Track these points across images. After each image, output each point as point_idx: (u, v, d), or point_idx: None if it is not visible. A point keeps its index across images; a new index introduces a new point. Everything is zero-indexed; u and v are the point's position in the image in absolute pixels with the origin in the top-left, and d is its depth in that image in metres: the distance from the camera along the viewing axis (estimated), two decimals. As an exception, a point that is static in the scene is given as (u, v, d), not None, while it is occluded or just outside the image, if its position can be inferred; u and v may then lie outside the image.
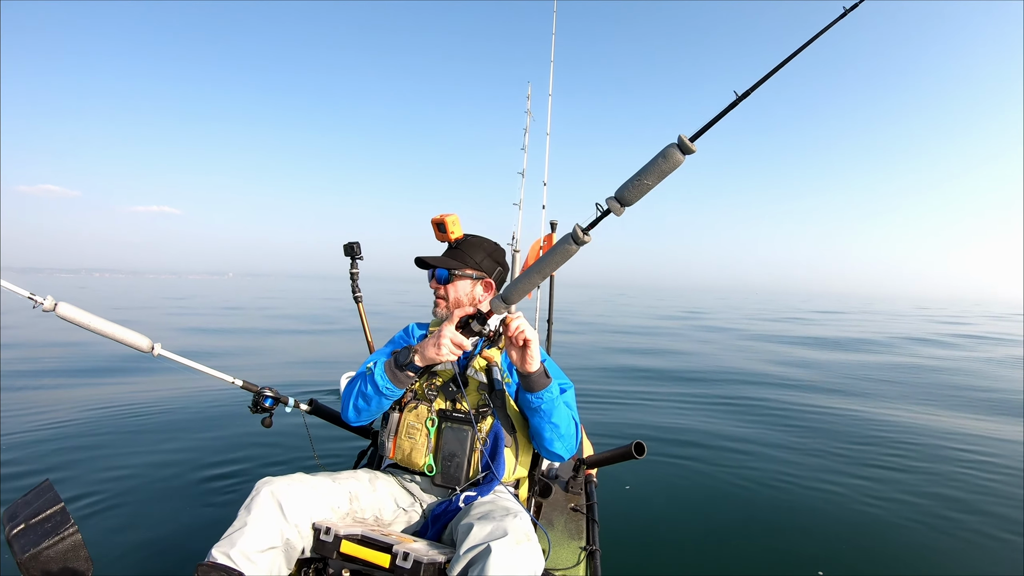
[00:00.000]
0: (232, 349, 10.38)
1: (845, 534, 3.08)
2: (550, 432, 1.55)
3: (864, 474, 4.04)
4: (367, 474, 1.64)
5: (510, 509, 1.39)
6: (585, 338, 13.68)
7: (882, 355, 11.91)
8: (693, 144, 1.08)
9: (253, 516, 1.28)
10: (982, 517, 3.34)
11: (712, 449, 4.56)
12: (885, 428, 5.41)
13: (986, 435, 5.26)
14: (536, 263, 1.27)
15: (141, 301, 24.45)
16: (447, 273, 1.74)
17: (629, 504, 3.41)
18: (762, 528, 3.16)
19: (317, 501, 1.39)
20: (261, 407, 1.93)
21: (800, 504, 3.47)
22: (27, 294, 1.44)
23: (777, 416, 5.83)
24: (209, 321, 16.37)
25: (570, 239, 1.20)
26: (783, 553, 2.87)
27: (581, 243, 1.19)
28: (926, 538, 3.07)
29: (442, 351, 1.46)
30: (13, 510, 1.21)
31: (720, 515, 3.34)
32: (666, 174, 1.10)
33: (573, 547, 1.84)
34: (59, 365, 7.95)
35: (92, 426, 4.72)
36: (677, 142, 1.08)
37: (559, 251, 1.22)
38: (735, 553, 2.88)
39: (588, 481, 2.33)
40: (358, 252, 2.44)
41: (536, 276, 1.28)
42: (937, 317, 30.45)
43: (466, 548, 1.21)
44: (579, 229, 1.18)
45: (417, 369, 1.55)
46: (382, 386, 1.56)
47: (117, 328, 1.61)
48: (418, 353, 1.51)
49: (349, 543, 1.32)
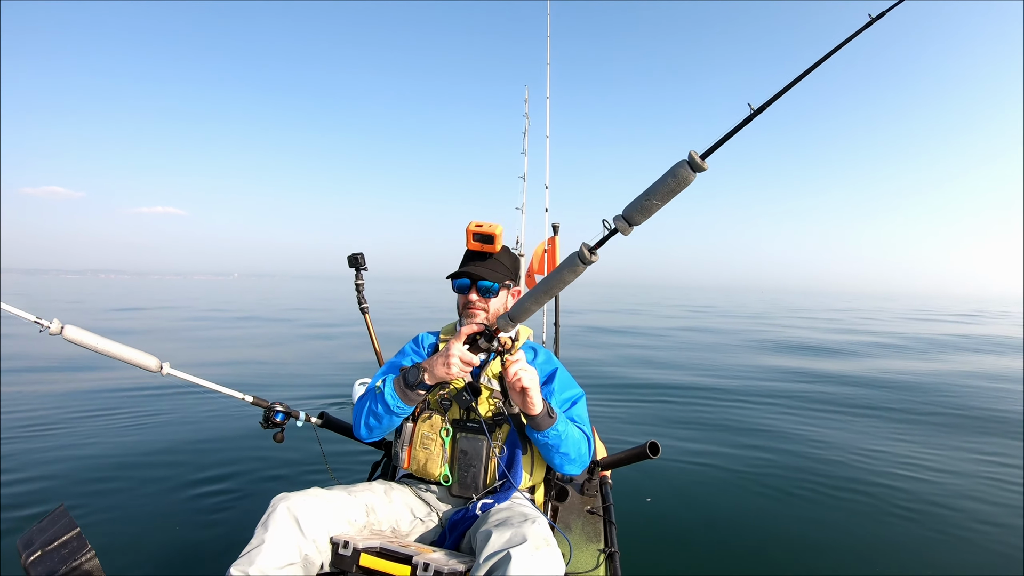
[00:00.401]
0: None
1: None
2: (560, 459, 1.54)
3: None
4: (382, 485, 1.63)
5: (528, 515, 1.38)
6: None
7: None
8: (704, 161, 1.01)
9: (271, 533, 1.27)
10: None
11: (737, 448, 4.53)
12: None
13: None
14: (542, 282, 1.25)
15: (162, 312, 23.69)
16: (497, 287, 1.71)
17: (645, 504, 3.38)
18: (786, 531, 3.13)
19: (334, 515, 1.38)
20: (272, 422, 1.92)
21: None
22: (33, 318, 1.44)
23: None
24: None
25: (576, 259, 1.15)
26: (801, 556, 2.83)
27: (588, 263, 1.15)
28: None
29: (452, 370, 1.43)
30: (29, 537, 1.20)
31: (740, 512, 3.31)
32: (675, 193, 1.04)
33: (592, 550, 1.83)
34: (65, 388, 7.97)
35: (98, 445, 4.72)
36: (688, 159, 1.01)
37: (565, 270, 1.18)
38: (752, 553, 2.86)
39: (603, 483, 2.32)
40: (362, 263, 2.43)
41: (543, 296, 1.25)
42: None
43: (486, 556, 1.20)
44: (586, 249, 1.13)
45: (427, 387, 1.53)
46: (392, 405, 1.54)
47: (125, 349, 1.61)
48: (427, 371, 1.48)
49: (368, 556, 1.31)
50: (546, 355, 1.76)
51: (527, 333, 1.81)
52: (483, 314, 1.70)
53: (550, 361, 1.75)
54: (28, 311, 1.48)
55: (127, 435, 5.06)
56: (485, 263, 1.72)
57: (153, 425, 5.40)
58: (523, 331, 1.79)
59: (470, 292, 1.70)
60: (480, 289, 1.69)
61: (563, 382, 1.69)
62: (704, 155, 1.02)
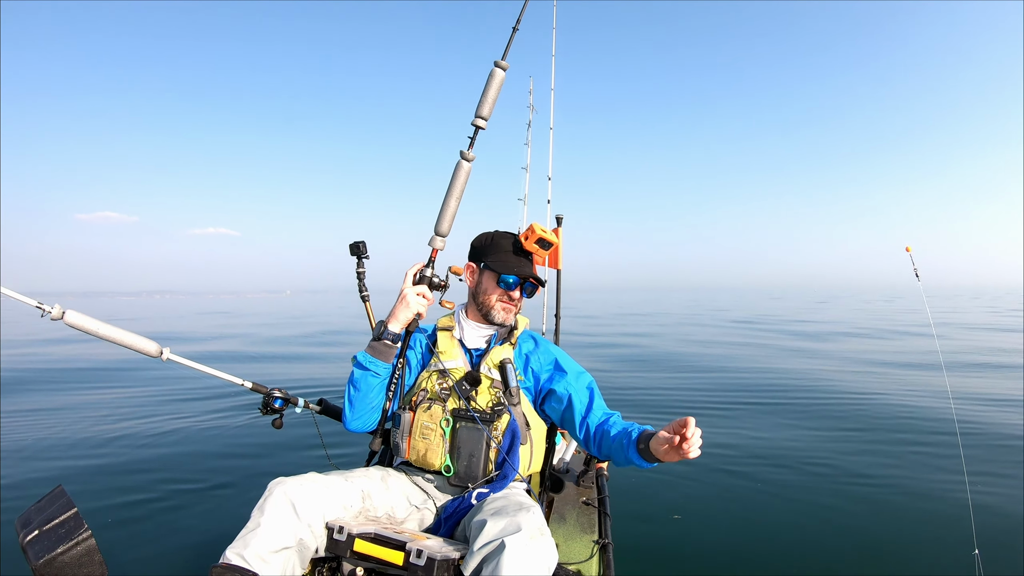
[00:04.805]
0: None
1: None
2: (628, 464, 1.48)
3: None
4: (379, 472, 1.63)
5: (523, 504, 1.38)
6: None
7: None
8: (504, 61, 1.64)
9: (266, 517, 1.27)
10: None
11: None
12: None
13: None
14: (448, 190, 1.62)
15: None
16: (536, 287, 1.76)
17: (640, 497, 3.39)
18: (784, 527, 3.14)
19: (330, 500, 1.39)
20: (271, 408, 1.92)
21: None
22: (35, 303, 1.45)
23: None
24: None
25: (461, 160, 1.62)
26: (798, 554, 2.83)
27: (469, 159, 1.62)
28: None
29: (411, 306, 1.59)
30: (27, 516, 1.21)
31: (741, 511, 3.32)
32: (492, 89, 1.63)
33: (586, 540, 1.83)
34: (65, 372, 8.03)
35: (97, 431, 4.76)
36: (502, 62, 1.63)
37: (459, 175, 1.62)
38: (753, 548, 2.87)
39: (599, 475, 2.32)
40: (364, 251, 2.43)
41: (452, 201, 1.63)
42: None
43: (480, 544, 1.21)
44: (463, 153, 1.62)
45: (394, 336, 1.61)
46: (364, 361, 1.60)
47: (125, 334, 1.61)
48: (391, 319, 1.60)
49: (363, 541, 1.31)
50: (545, 344, 1.77)
51: (524, 323, 1.80)
52: (515, 306, 1.73)
53: (551, 350, 1.75)
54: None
55: (126, 419, 5.11)
56: (531, 264, 1.75)
57: (152, 414, 5.44)
58: (521, 320, 1.79)
59: (515, 289, 1.71)
60: (527, 289, 1.73)
61: (573, 370, 1.68)
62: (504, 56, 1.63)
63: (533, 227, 1.70)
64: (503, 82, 1.66)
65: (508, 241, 1.75)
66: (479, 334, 1.73)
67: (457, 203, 1.65)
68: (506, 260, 1.70)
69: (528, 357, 1.71)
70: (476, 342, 1.72)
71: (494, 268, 1.69)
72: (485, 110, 1.64)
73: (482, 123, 1.64)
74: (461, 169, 1.63)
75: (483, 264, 1.73)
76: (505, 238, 1.76)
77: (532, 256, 1.76)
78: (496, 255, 1.72)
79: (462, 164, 1.63)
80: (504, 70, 1.65)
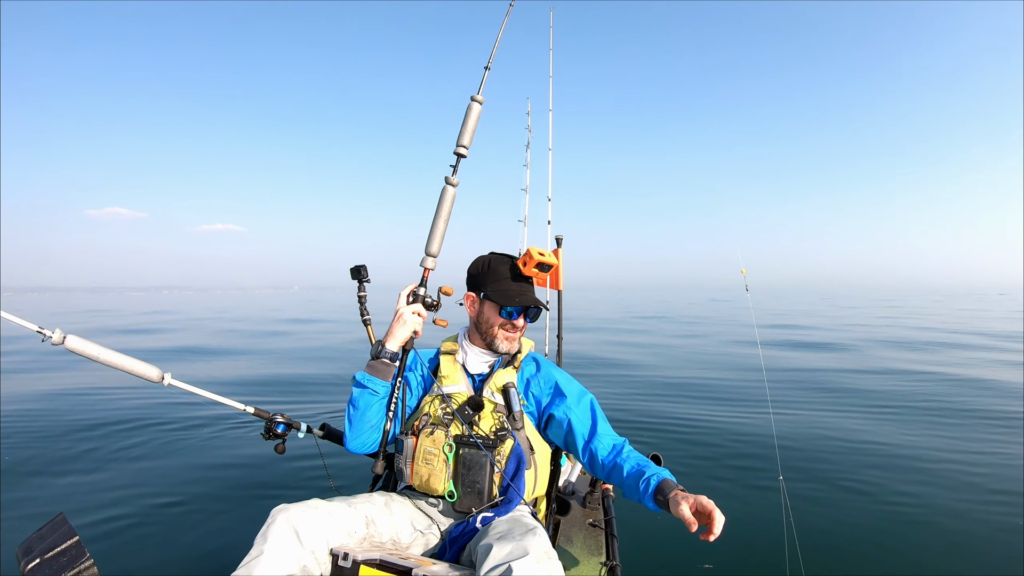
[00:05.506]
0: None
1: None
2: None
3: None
4: (383, 497, 1.61)
5: (529, 527, 1.37)
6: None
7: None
8: (480, 95, 1.75)
9: (269, 544, 1.26)
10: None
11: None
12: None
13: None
14: (436, 214, 1.69)
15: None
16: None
17: (648, 518, 3.33)
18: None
19: (333, 527, 1.37)
20: (273, 433, 1.91)
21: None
22: (35, 328, 1.44)
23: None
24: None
25: (446, 185, 1.70)
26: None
27: (453, 184, 1.70)
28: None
29: (407, 324, 1.62)
30: (28, 545, 1.19)
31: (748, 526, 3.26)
32: (472, 120, 1.73)
33: (594, 563, 1.80)
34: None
35: (94, 451, 4.70)
36: (478, 96, 1.76)
37: (445, 199, 1.69)
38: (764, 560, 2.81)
39: (605, 496, 2.30)
40: (365, 275, 2.45)
41: (440, 223, 1.69)
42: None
43: (487, 569, 1.19)
44: (447, 179, 1.70)
45: (392, 354, 1.63)
46: (363, 380, 1.61)
47: (127, 359, 1.61)
48: (388, 337, 1.63)
49: (368, 568, 1.29)
50: (547, 366, 1.76)
51: (528, 345, 1.80)
52: (518, 337, 1.72)
53: (552, 373, 1.73)
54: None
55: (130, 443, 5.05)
56: (532, 288, 1.74)
57: (155, 438, 5.39)
58: (525, 343, 1.79)
59: (519, 318, 1.69)
60: (530, 314, 1.71)
61: (573, 393, 1.67)
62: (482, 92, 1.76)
63: (531, 252, 1.67)
64: (480, 114, 1.77)
65: (505, 267, 1.71)
66: (483, 359, 1.72)
67: (445, 225, 1.71)
68: (506, 289, 1.68)
69: (529, 381, 1.70)
70: (479, 367, 1.71)
71: (495, 299, 1.66)
72: (465, 139, 1.74)
73: (463, 151, 1.73)
74: (446, 194, 1.70)
75: (483, 294, 1.69)
76: (502, 263, 1.72)
77: (532, 280, 1.74)
78: (495, 284, 1.69)
79: (447, 189, 1.70)
80: (480, 103, 1.76)
